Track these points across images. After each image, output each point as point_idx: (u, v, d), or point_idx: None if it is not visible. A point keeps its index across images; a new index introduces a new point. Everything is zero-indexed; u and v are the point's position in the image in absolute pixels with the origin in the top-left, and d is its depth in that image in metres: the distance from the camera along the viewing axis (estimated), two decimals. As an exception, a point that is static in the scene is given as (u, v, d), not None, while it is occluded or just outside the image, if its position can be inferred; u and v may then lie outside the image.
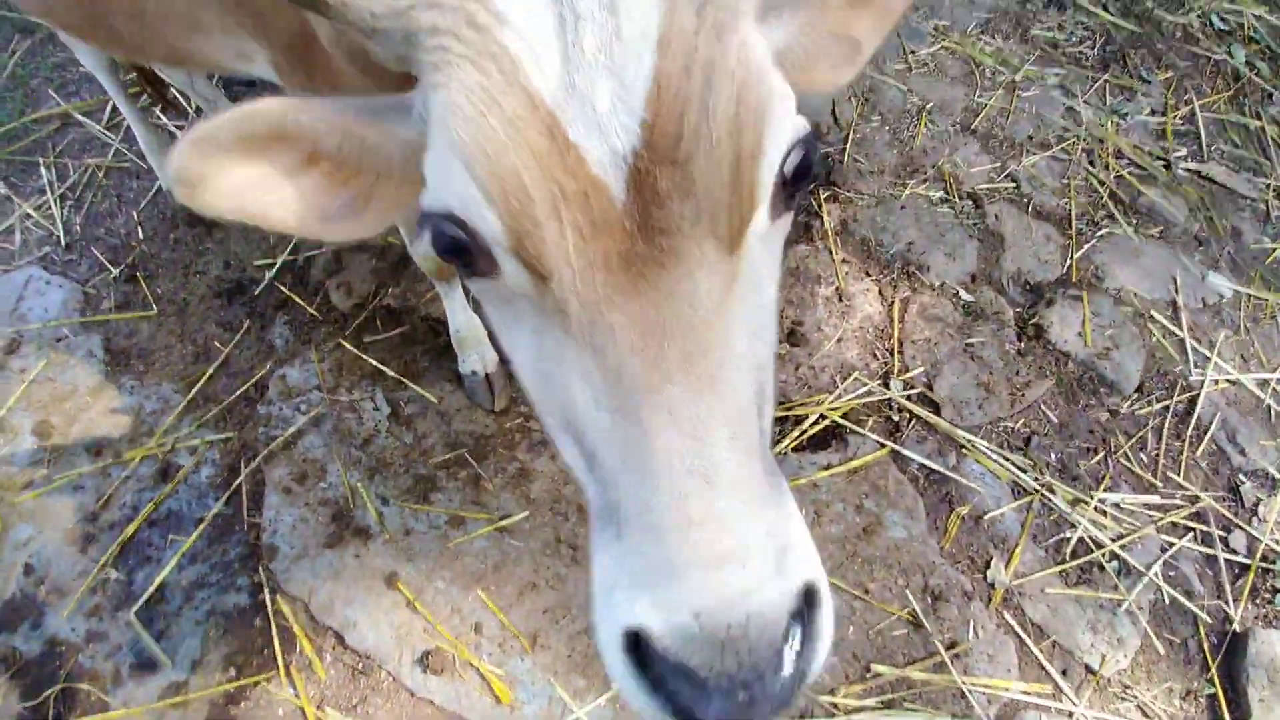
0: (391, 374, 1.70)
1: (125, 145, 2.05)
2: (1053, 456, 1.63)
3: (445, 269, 1.45)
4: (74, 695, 1.38)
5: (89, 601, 1.45)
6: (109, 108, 2.15)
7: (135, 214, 1.93)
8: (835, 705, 1.34)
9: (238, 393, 1.67)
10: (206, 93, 1.93)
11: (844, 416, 1.65)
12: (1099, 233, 1.92)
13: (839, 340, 1.75)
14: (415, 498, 1.55)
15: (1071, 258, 1.89)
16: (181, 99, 2.10)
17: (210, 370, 1.69)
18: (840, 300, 1.80)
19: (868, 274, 1.85)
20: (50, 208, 1.97)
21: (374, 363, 1.71)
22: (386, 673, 1.36)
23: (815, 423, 1.64)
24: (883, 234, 1.90)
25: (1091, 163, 2.05)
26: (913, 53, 2.26)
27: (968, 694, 1.36)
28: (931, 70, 2.23)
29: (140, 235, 1.90)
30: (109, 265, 1.85)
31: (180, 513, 1.53)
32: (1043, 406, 1.69)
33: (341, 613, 1.41)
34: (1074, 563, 1.51)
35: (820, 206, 1.93)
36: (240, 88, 2.12)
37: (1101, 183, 2.00)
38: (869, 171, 2.02)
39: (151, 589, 1.43)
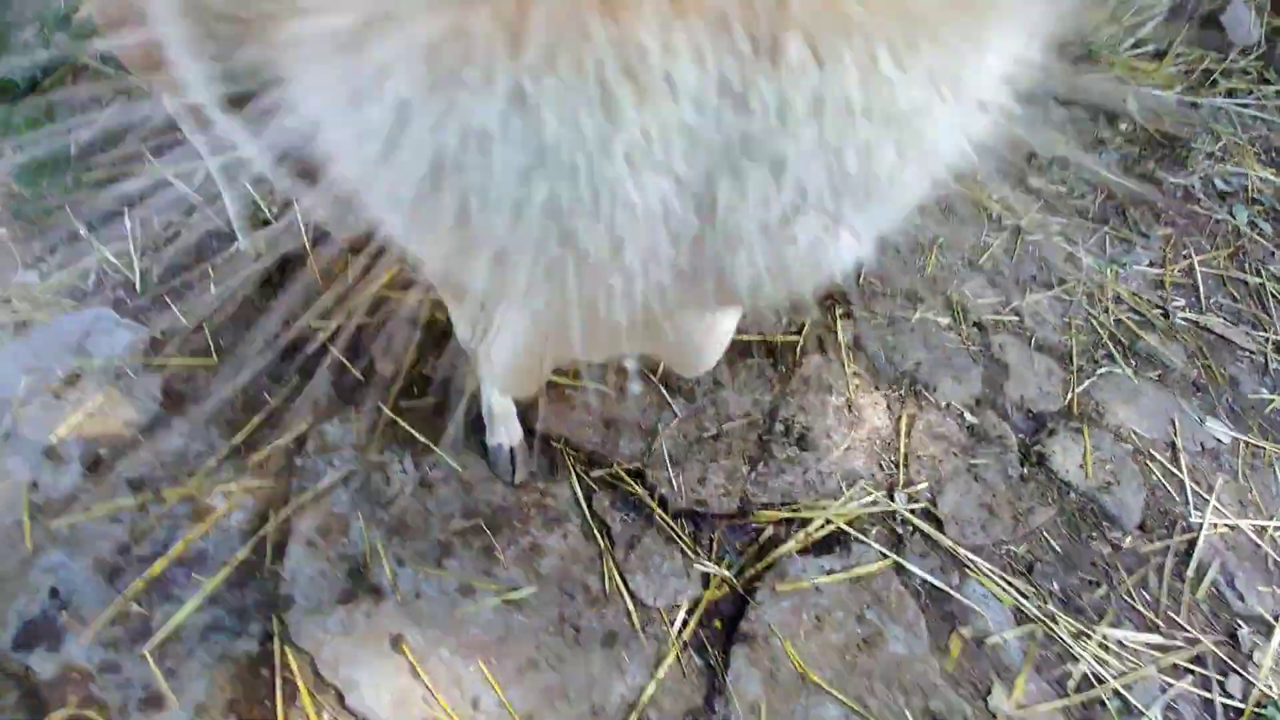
0: (422, 440, 1.84)
1: (212, 210, 2.34)
2: (1055, 586, 1.70)
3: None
4: (72, 728, 1.43)
5: (108, 632, 1.52)
6: (201, 175, 2.47)
7: (210, 270, 2.18)
8: (827, 825, 1.35)
9: (278, 443, 1.82)
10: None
11: (849, 524, 1.75)
12: (1099, 370, 2.09)
13: (847, 449, 1.88)
14: (430, 562, 1.64)
15: (1072, 391, 2.04)
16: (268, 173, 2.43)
17: (257, 420, 1.85)
18: (850, 411, 1.95)
19: (877, 388, 2.01)
20: (130, 256, 2.23)
21: (407, 427, 1.86)
22: (381, 739, 1.40)
23: (820, 527, 1.74)
24: (893, 352, 2.08)
25: (1091, 305, 2.26)
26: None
27: (964, 828, 1.36)
28: (942, 209, 2.51)
29: (212, 290, 2.14)
30: (179, 314, 2.07)
31: (207, 554, 1.63)
32: (1045, 534, 1.78)
33: (345, 672, 1.47)
34: (1078, 697, 1.54)
35: (835, 321, 2.13)
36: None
37: (1101, 324, 2.20)
38: (881, 294, 2.23)
39: (169, 627, 1.51)
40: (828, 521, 1.75)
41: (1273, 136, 2.98)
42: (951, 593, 1.65)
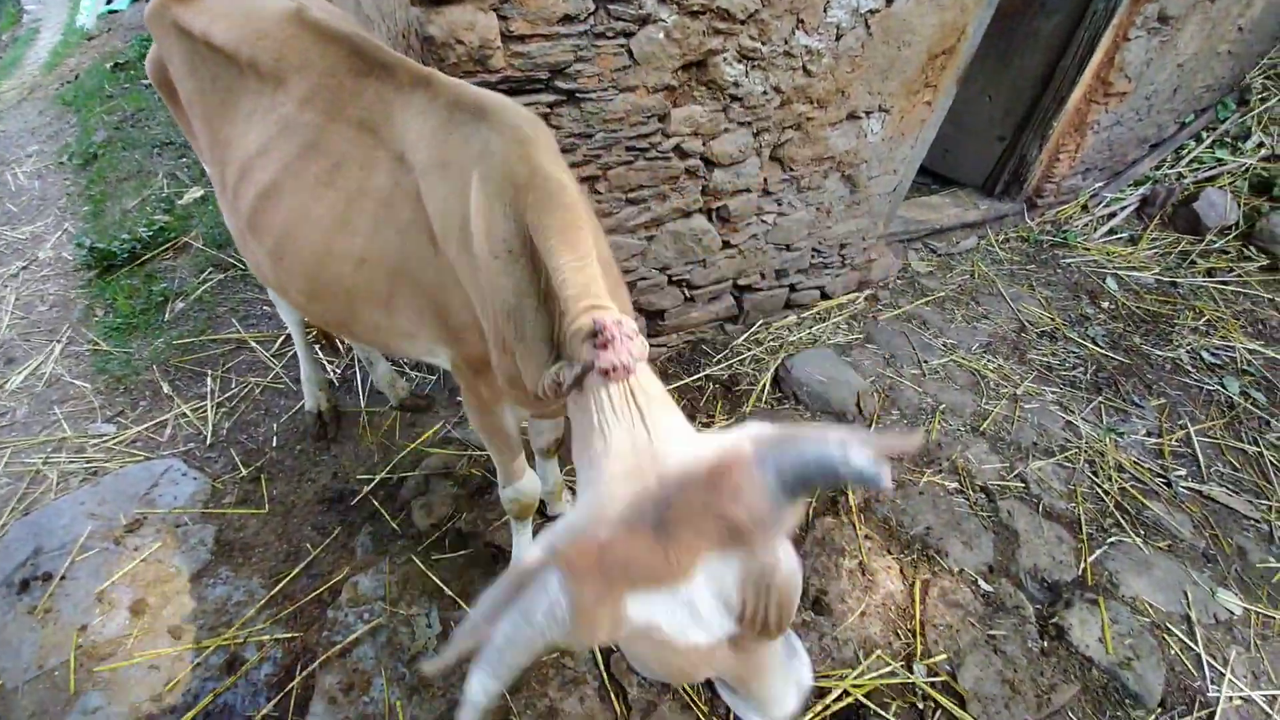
0: (449, 593, 1.99)
1: (284, 370, 2.72)
2: (1087, 774, 1.68)
3: (527, 509, 1.84)
4: None
5: (127, 790, 1.59)
6: (279, 341, 2.89)
7: (275, 425, 2.50)
8: None
9: (314, 594, 1.98)
10: (373, 355, 2.60)
11: (867, 696, 1.79)
12: (1109, 539, 2.19)
13: (862, 614, 1.96)
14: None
15: (1085, 561, 2.13)
16: (339, 344, 2.84)
17: (296, 570, 2.03)
18: (863, 575, 2.06)
19: (889, 551, 2.14)
20: (205, 411, 2.57)
21: (436, 580, 2.02)
22: None
23: (838, 698, 1.78)
24: (903, 516, 2.23)
25: (1095, 472, 2.42)
26: (926, 362, 2.85)
27: None
28: (942, 378, 2.79)
29: (274, 444, 2.43)
30: (241, 465, 2.34)
31: (234, 708, 1.73)
32: (1070, 713, 1.79)
33: (356, 843, 1.50)
34: None
35: (846, 485, 2.31)
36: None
37: (1106, 492, 2.34)
38: (889, 459, 2.43)
39: (187, 786, 1.58)
40: (846, 693, 1.79)
41: (1257, 310, 3.29)
42: (978, 779, 1.64)
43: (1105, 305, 3.25)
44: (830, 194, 2.70)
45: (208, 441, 2.44)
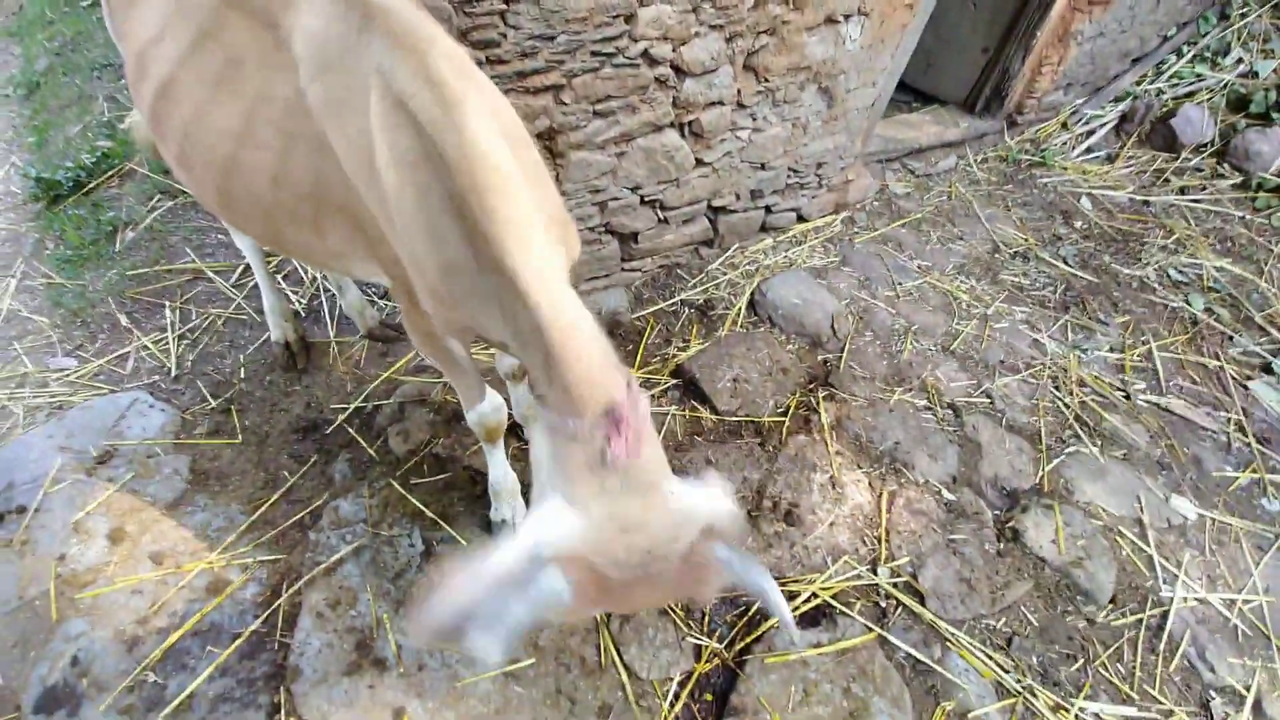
0: (430, 515, 2.02)
1: (246, 301, 2.64)
2: (1034, 660, 1.82)
3: (494, 432, 1.85)
4: (77, 802, 1.52)
5: (125, 700, 1.64)
6: (237, 270, 2.79)
7: (241, 357, 2.45)
8: None
9: (295, 519, 2.00)
10: (342, 281, 2.51)
11: (834, 597, 1.89)
12: (1067, 449, 2.29)
13: (831, 524, 2.05)
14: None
15: (1043, 470, 2.24)
16: (301, 271, 2.75)
17: (275, 496, 2.04)
18: (833, 488, 2.14)
19: (859, 466, 2.21)
20: (167, 344, 2.50)
21: (416, 503, 2.05)
22: (381, 809, 1.49)
23: (807, 600, 1.88)
24: (873, 432, 2.30)
25: (1057, 388, 2.50)
26: (900, 284, 2.86)
27: None
28: (916, 299, 2.81)
29: (241, 375, 2.39)
30: (209, 397, 2.31)
31: (221, 626, 1.78)
32: (1023, 608, 1.92)
33: (349, 741, 1.58)
34: (1058, 772, 1.63)
35: (819, 404, 2.36)
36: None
37: (1067, 406, 2.43)
38: (861, 377, 2.48)
39: (182, 697, 1.64)
40: (814, 595, 1.90)
41: (1227, 228, 3.33)
42: (934, 666, 1.77)
43: (1078, 225, 3.26)
44: (807, 108, 2.62)
45: (172, 374, 2.39)
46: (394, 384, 2.39)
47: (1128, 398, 2.51)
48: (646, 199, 2.55)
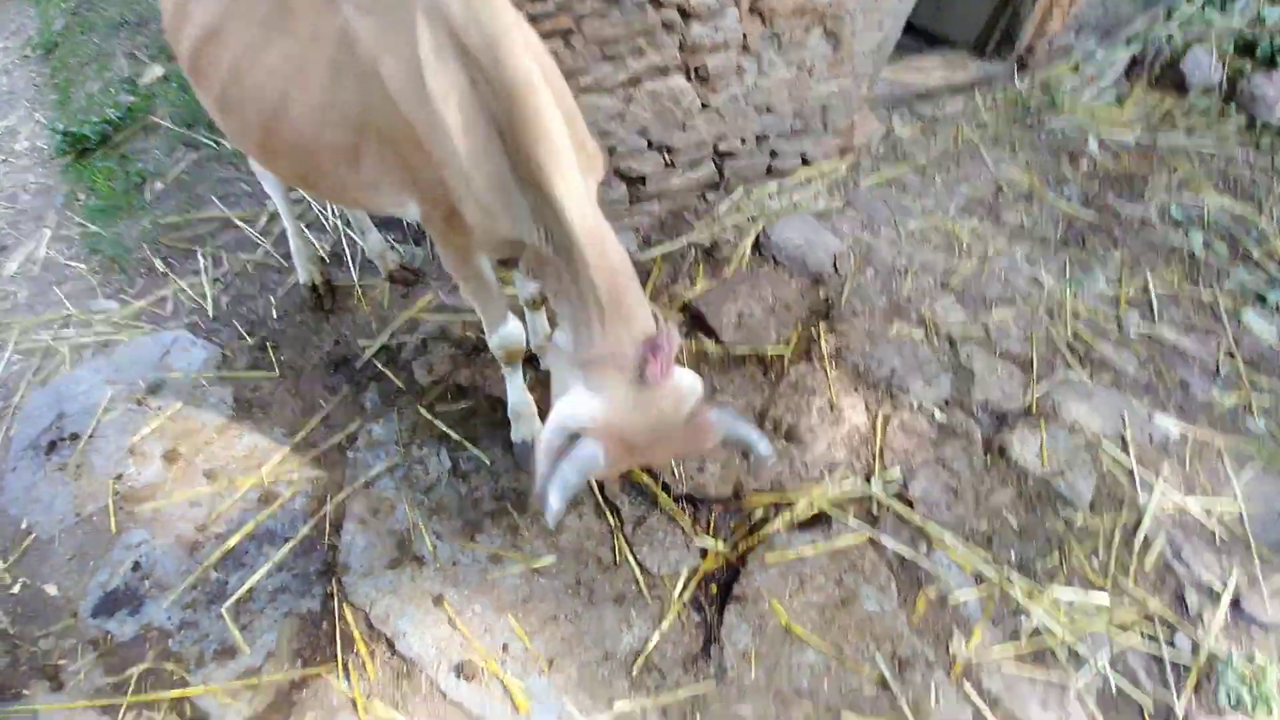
0: (455, 437, 2.27)
1: (273, 248, 2.87)
2: (1012, 555, 2.05)
3: (515, 355, 2.07)
4: (158, 674, 1.80)
5: (187, 596, 1.92)
6: (264, 218, 3.02)
7: (272, 299, 2.69)
8: (808, 746, 1.67)
9: (333, 441, 2.25)
10: (364, 224, 2.73)
11: (831, 505, 2.13)
12: (1056, 375, 2.49)
13: (829, 443, 2.28)
14: (464, 536, 2.04)
15: (1032, 393, 2.44)
16: (323, 219, 2.97)
17: (314, 422, 2.30)
18: (832, 411, 2.36)
19: (857, 391, 2.43)
20: (203, 287, 2.74)
21: (442, 427, 2.29)
22: (426, 677, 1.77)
23: (806, 509, 2.12)
24: (870, 361, 2.51)
25: (1051, 319, 2.69)
26: (903, 225, 3.04)
27: (927, 750, 1.68)
28: (918, 239, 2.99)
29: (274, 315, 2.63)
30: (245, 335, 2.55)
31: (275, 531, 2.04)
32: (1004, 512, 2.14)
33: (394, 623, 1.85)
34: (1029, 646, 1.87)
35: (819, 335, 2.57)
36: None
37: (1060, 335, 2.62)
38: (862, 312, 2.68)
39: (243, 589, 1.91)
40: (812, 504, 2.13)
41: (1230, 168, 3.46)
42: (919, 561, 2.01)
43: (1084, 167, 3.40)
44: (812, 51, 2.77)
45: (210, 314, 2.64)
46: (416, 322, 2.62)
47: (1120, 328, 2.69)
48: (654, 144, 2.73)
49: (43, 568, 1.95)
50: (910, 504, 2.14)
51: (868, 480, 2.19)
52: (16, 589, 1.90)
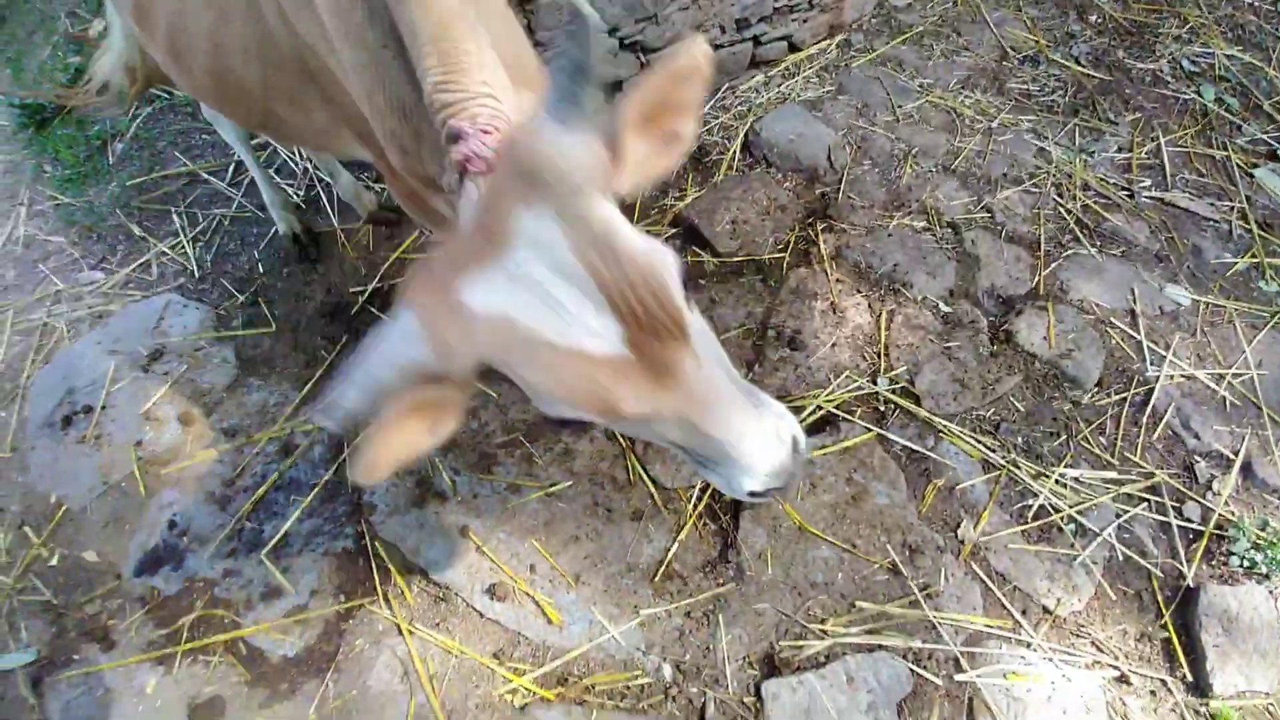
0: (460, 375, 2.28)
1: (246, 199, 2.78)
2: (1019, 440, 2.09)
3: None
4: (209, 621, 1.93)
5: (226, 547, 2.02)
6: (230, 169, 2.91)
7: (255, 253, 2.64)
8: (825, 631, 1.79)
9: (339, 389, 2.28)
10: (331, 166, 2.62)
11: (837, 407, 2.15)
12: (1065, 253, 2.43)
13: (833, 346, 2.27)
14: (480, 470, 2.10)
15: (1039, 275, 2.39)
16: (292, 163, 2.85)
17: (319, 373, 2.31)
18: (834, 313, 2.34)
19: (859, 291, 2.39)
20: (184, 247, 2.69)
21: (446, 366, 2.30)
22: (461, 600, 1.88)
23: (813, 412, 2.14)
24: (872, 258, 2.45)
25: (1060, 195, 2.58)
26: (900, 107, 2.87)
27: (937, 625, 1.79)
28: (916, 121, 2.83)
29: (260, 270, 2.59)
30: (236, 292, 2.53)
31: (299, 480, 2.11)
32: (1011, 398, 2.16)
33: (426, 554, 1.94)
34: (1035, 524, 1.94)
35: (818, 236, 2.50)
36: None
37: (1069, 211, 2.53)
38: (860, 206, 2.59)
39: (278, 536, 2.00)
40: (819, 407, 2.15)
41: (1238, 15, 3.21)
42: (927, 453, 2.05)
43: (1092, 20, 3.15)
44: (792, -83, 2.52)
45: (196, 275, 2.60)
46: (404, 261, 2.58)
47: (1131, 196, 2.59)
48: (626, 41, 2.55)
49: (79, 537, 2.04)
50: (917, 399, 2.15)
51: (874, 380, 2.20)
52: (55, 560, 2.00)
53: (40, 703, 1.78)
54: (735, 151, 2.76)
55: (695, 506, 2.02)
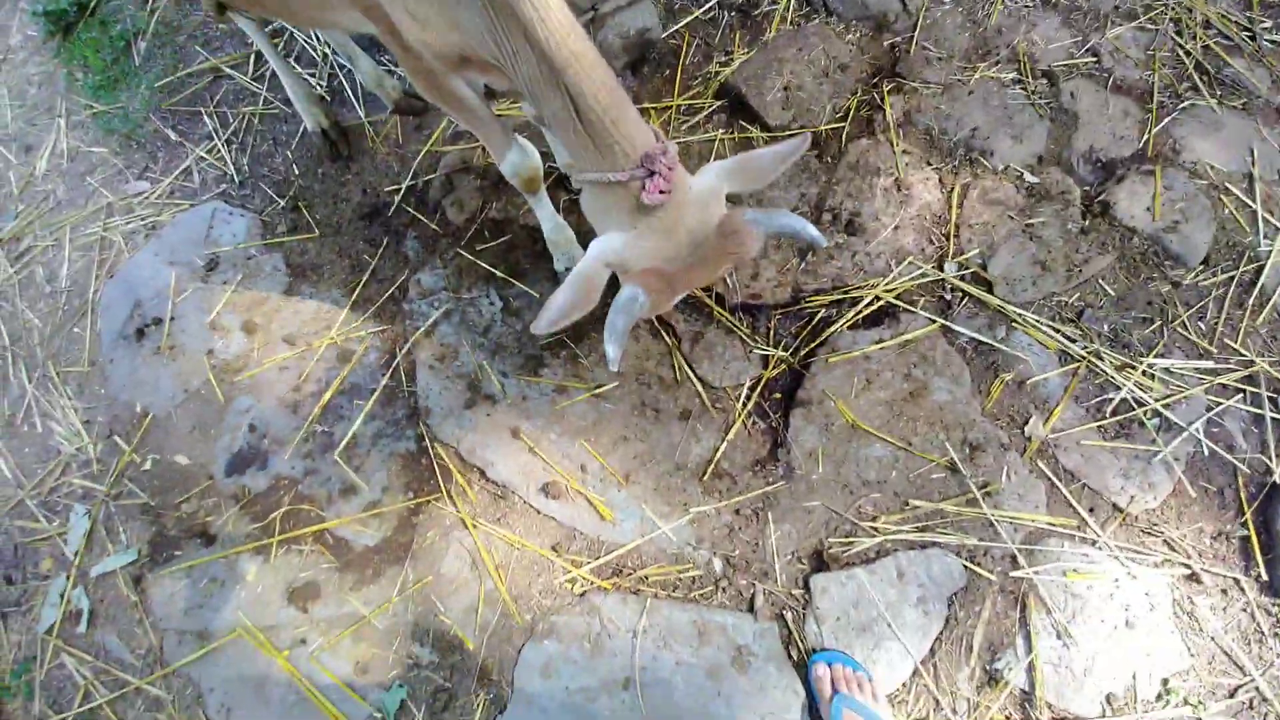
0: (500, 275, 2.23)
1: (271, 94, 2.65)
2: (1105, 327, 1.89)
3: (533, 183, 1.91)
4: (296, 515, 2.09)
5: (303, 448, 2.14)
6: (252, 60, 2.75)
7: (289, 153, 2.55)
8: (875, 529, 1.78)
9: (385, 295, 2.27)
10: (349, 50, 2.44)
11: (898, 298, 1.99)
12: (1180, 105, 2.04)
13: (896, 228, 2.05)
14: (528, 372, 2.10)
15: (1150, 132, 2.03)
16: (312, 51, 2.67)
17: (364, 278, 2.30)
18: (899, 190, 2.09)
19: (928, 163, 2.11)
20: (220, 151, 2.63)
21: (486, 266, 2.24)
22: (518, 497, 1.96)
23: (870, 304, 1.99)
24: (947, 122, 2.14)
25: (1179, 33, 2.13)
26: (994, -76, 2.36)
27: (994, 523, 1.74)
28: (1014, -59, 2.33)
29: (295, 171, 2.52)
30: (276, 197, 2.49)
31: (359, 385, 2.18)
32: (1100, 281, 1.93)
33: (482, 455, 2.01)
34: (1114, 419, 1.80)
35: (883, 100, 2.19)
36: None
37: (1188, 53, 2.09)
38: (937, 58, 2.22)
39: (347, 438, 2.10)
40: (876, 299, 2.00)
41: None
42: (997, 345, 1.90)
43: None
44: None
45: (236, 180, 2.56)
46: (436, 155, 2.44)
47: (1253, 38, 2.11)
48: None
49: (168, 442, 2.21)
50: (989, 285, 1.96)
51: (940, 266, 2.00)
52: (148, 465, 2.18)
53: (143, 599, 2.02)
54: (788, 1, 2.38)
55: (744, 405, 1.97)
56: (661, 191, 1.21)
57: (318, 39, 2.68)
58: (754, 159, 1.34)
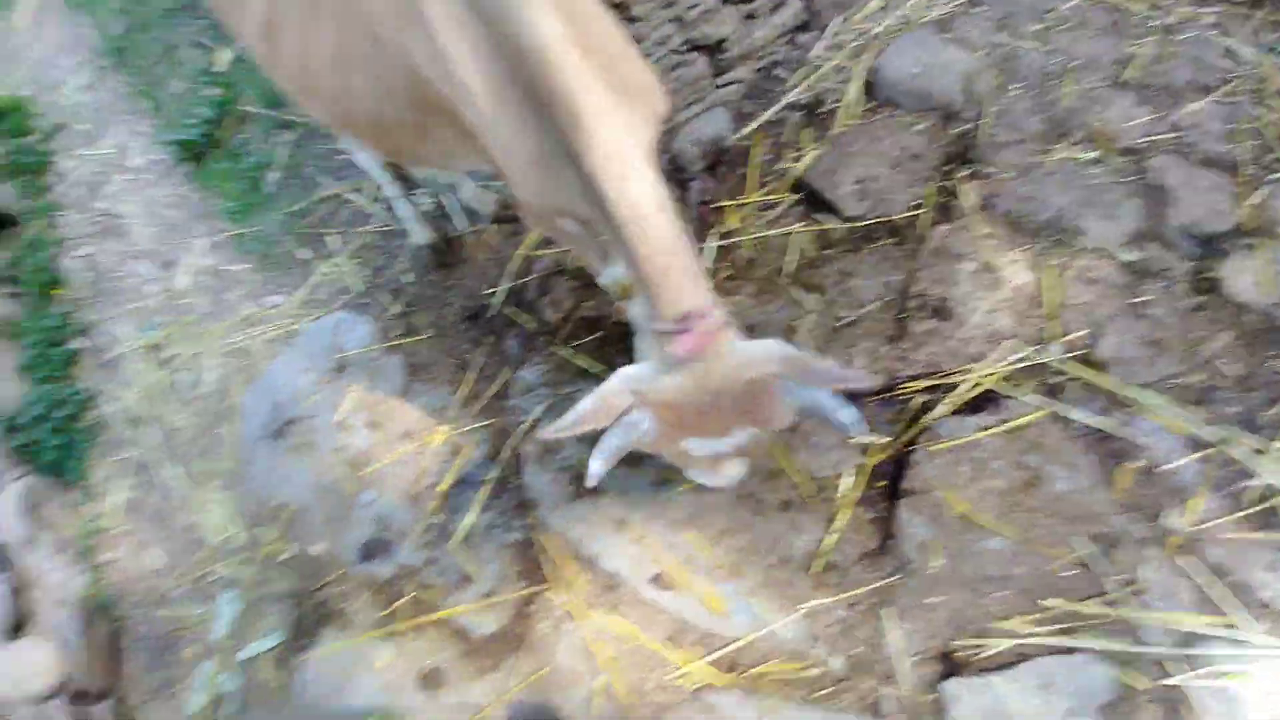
0: (595, 370, 2.05)
1: (387, 215, 2.61)
2: (1233, 409, 1.56)
3: (626, 290, 1.74)
4: (419, 602, 1.92)
5: (423, 539, 1.98)
6: (369, 186, 2.73)
7: (401, 264, 2.48)
8: (1009, 630, 1.47)
9: (491, 392, 2.13)
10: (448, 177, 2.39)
11: (999, 381, 1.71)
12: (1271, 175, 1.73)
13: (989, 311, 1.79)
14: (629, 464, 1.87)
15: (1243, 204, 1.73)
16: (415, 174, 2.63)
17: (470, 376, 2.17)
18: (987, 273, 1.83)
19: (1015, 245, 1.85)
20: (343, 265, 2.59)
21: (583, 364, 2.08)
22: (629, 588, 1.73)
23: (971, 388, 1.72)
24: (1028, 204, 1.88)
25: (1257, 104, 1.83)
26: (1051, 10, 2.13)
27: (1141, 626, 1.41)
28: (1074, 26, 2.09)
29: (406, 280, 2.44)
30: (391, 304, 2.41)
31: (471, 476, 2.01)
32: (1219, 362, 1.61)
33: (590, 546, 1.80)
34: (1254, 509, 1.46)
35: (959, 186, 1.95)
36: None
37: (1269, 124, 1.79)
38: (1009, 142, 1.98)
39: (464, 527, 1.93)
40: (977, 384, 1.72)
41: None
42: (1117, 431, 1.59)
43: None
44: None
45: (354, 291, 2.50)
46: (531, 260, 2.32)
47: None
48: (733, -6, 2.01)
49: (306, 533, 2.09)
50: (1100, 367, 1.66)
51: (1041, 348, 1.72)
52: (287, 555, 2.06)
53: (288, 681, 1.86)
54: (854, 95, 2.19)
55: (848, 495, 1.71)
56: (691, 350, 1.11)
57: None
58: (814, 367, 1.19)
